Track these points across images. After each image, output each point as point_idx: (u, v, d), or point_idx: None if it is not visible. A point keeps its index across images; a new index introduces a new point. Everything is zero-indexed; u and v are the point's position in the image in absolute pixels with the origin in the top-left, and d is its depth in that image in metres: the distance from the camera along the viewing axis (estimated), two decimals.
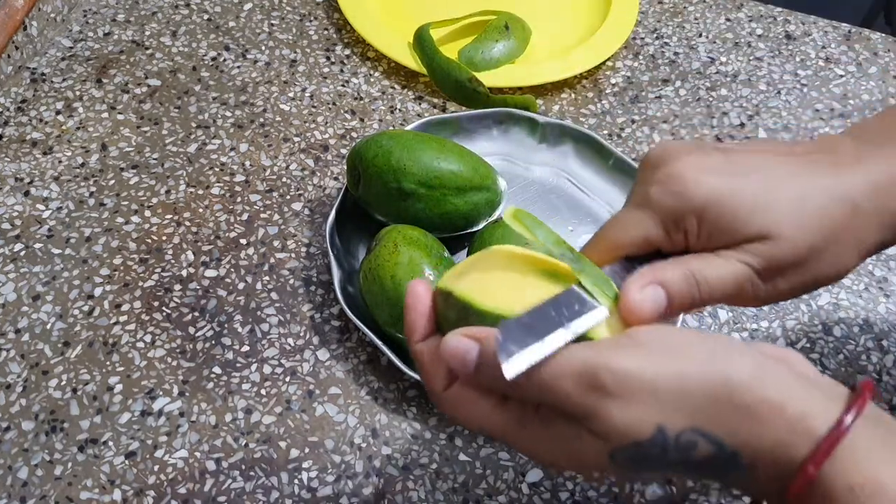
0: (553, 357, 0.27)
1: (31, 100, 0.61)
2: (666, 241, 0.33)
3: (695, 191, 0.31)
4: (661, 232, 0.32)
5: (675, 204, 0.31)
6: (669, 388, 0.26)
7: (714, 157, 0.32)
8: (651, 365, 0.26)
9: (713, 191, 0.31)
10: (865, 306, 0.54)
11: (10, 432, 0.45)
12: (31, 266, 0.52)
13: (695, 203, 0.31)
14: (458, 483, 0.45)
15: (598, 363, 0.26)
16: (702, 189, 0.31)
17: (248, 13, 0.69)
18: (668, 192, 0.32)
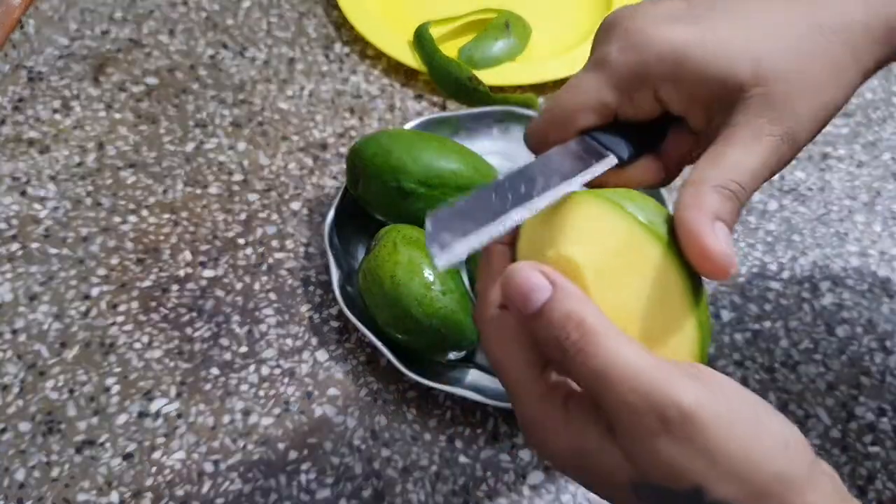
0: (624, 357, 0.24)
1: (28, 98, 0.60)
2: (627, 106, 0.29)
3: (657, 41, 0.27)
4: (621, 95, 0.28)
5: (635, 58, 0.28)
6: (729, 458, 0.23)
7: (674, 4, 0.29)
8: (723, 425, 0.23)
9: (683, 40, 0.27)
10: (869, 307, 0.53)
11: (7, 434, 0.44)
12: (28, 266, 0.51)
13: (662, 54, 0.27)
14: (459, 485, 0.44)
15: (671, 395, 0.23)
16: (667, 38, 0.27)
17: (246, 11, 0.69)
18: (627, 47, 0.28)
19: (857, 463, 0.47)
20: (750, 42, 0.27)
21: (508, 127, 0.59)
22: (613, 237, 0.26)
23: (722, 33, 0.27)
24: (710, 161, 0.27)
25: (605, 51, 0.29)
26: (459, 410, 0.47)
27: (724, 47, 0.27)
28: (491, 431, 0.46)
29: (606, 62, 0.28)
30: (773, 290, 0.54)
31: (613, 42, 0.28)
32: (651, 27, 0.28)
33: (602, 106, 0.29)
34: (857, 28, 0.28)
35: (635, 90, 0.28)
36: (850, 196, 0.60)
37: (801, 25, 0.28)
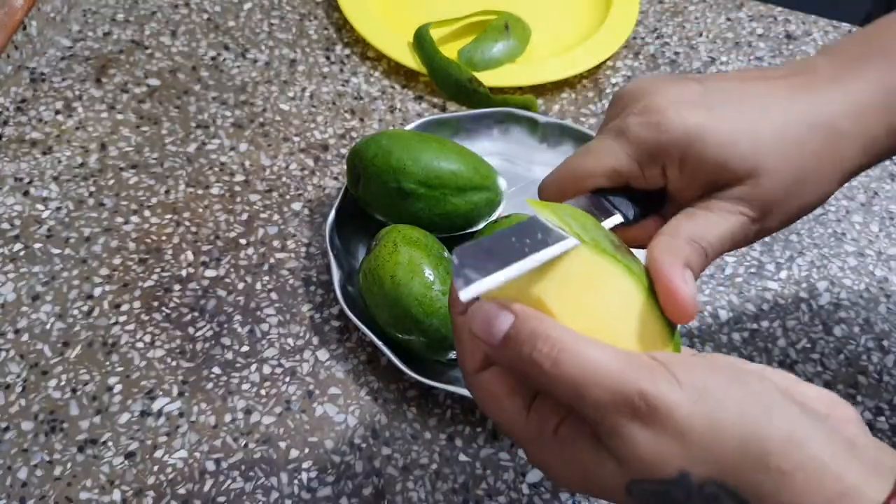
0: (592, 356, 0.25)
1: (30, 99, 0.61)
2: (638, 176, 0.31)
3: (676, 124, 0.30)
4: (635, 165, 0.31)
5: (653, 136, 0.30)
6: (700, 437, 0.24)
7: (692, 88, 0.31)
8: (685, 405, 0.24)
9: (695, 124, 0.30)
10: (866, 306, 0.54)
11: (10, 432, 0.45)
12: (31, 266, 0.52)
13: (676, 136, 0.30)
14: (458, 484, 0.45)
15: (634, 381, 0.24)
16: (684, 122, 0.30)
17: (247, 13, 0.69)
18: (647, 124, 0.30)
19: None
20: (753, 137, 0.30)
21: (508, 128, 0.59)
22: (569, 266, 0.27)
23: (729, 126, 0.30)
24: (687, 218, 0.30)
25: (625, 122, 0.31)
26: (459, 409, 0.47)
27: (729, 141, 0.30)
28: (490, 430, 0.47)
29: (626, 134, 0.31)
30: (770, 289, 0.54)
31: (634, 116, 0.31)
32: (671, 110, 0.30)
33: (616, 174, 0.31)
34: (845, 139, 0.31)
35: (648, 165, 0.31)
36: (847, 196, 0.60)
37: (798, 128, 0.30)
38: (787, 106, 0.31)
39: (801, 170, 0.30)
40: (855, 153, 0.32)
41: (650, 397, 0.24)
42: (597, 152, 0.32)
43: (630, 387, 0.24)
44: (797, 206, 0.31)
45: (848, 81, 0.32)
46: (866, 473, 0.24)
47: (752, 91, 0.31)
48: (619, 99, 0.32)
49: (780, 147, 0.30)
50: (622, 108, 0.32)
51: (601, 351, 0.25)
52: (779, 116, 0.30)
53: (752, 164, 0.30)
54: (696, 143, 0.30)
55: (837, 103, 0.31)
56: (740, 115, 0.30)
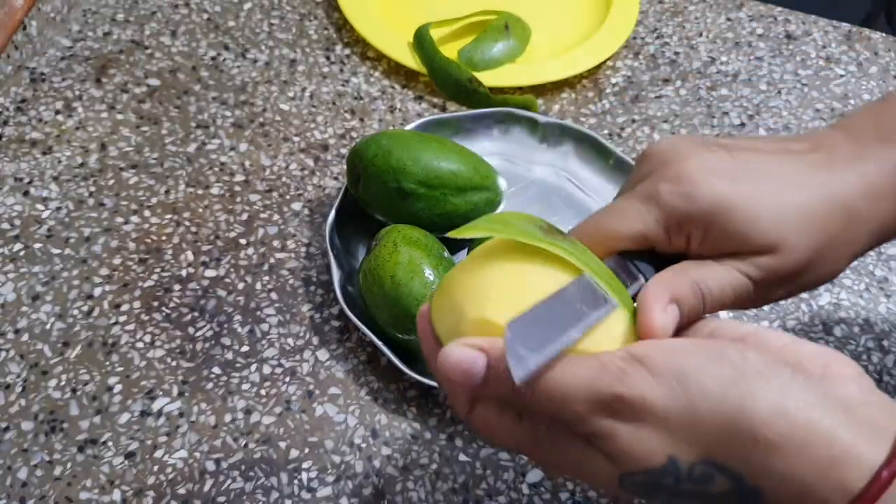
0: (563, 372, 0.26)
1: (30, 99, 0.61)
2: (664, 242, 0.32)
3: (705, 195, 0.30)
4: (663, 231, 0.31)
5: (683, 205, 0.31)
6: (681, 421, 0.24)
7: (721, 157, 0.32)
8: (662, 394, 0.25)
9: (723, 197, 0.30)
10: (866, 306, 0.54)
11: (10, 432, 0.45)
12: (31, 266, 0.52)
13: (704, 207, 0.30)
14: (458, 483, 0.45)
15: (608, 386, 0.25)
16: (712, 194, 0.30)
17: (247, 13, 0.69)
18: (678, 193, 0.31)
19: None
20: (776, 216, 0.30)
21: (508, 128, 0.59)
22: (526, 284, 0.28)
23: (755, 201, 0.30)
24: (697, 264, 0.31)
25: (657, 189, 0.31)
26: None
27: (753, 216, 0.30)
28: None
29: (657, 201, 0.31)
30: None
31: (665, 183, 0.31)
32: (702, 180, 0.31)
33: (643, 238, 0.32)
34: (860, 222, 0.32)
35: (675, 233, 0.31)
36: None
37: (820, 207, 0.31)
38: (809, 183, 0.31)
39: (818, 248, 0.31)
40: (867, 236, 0.32)
41: (626, 398, 0.25)
42: (626, 215, 0.32)
43: (604, 393, 0.25)
44: (808, 280, 0.32)
45: (865, 162, 0.32)
46: (861, 436, 0.23)
47: (777, 165, 0.32)
48: (648, 158, 0.33)
49: (802, 225, 0.31)
50: (651, 168, 0.32)
51: (572, 366, 0.26)
52: (801, 194, 0.31)
53: (774, 240, 0.30)
54: (722, 215, 0.30)
55: (854, 185, 0.32)
56: (766, 190, 0.31)
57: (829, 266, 0.32)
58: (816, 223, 0.31)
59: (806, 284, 0.32)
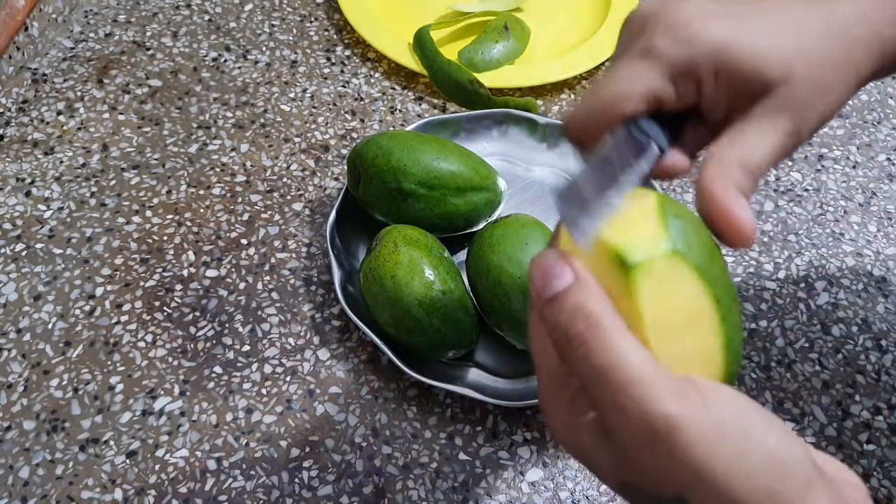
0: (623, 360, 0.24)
1: (32, 100, 0.61)
2: (673, 96, 0.30)
3: (705, 37, 0.29)
4: (669, 84, 0.30)
5: (685, 51, 0.29)
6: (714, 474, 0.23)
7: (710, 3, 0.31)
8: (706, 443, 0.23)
9: (724, 36, 0.29)
10: (864, 306, 0.54)
11: (12, 432, 0.45)
12: (33, 266, 0.52)
13: (707, 48, 0.29)
14: (459, 482, 0.45)
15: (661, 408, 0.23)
16: (711, 35, 0.29)
17: (248, 14, 0.69)
18: (676, 41, 0.29)
19: (853, 461, 0.47)
20: (780, 44, 0.30)
21: (508, 129, 0.59)
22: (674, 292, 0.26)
23: (755, 35, 0.29)
24: (730, 141, 0.29)
25: (652, 43, 0.30)
26: (459, 408, 0.47)
27: (758, 49, 0.29)
28: (490, 429, 0.47)
29: (656, 53, 0.30)
30: (769, 289, 0.55)
31: (659, 35, 0.30)
32: (697, 23, 0.29)
33: (651, 94, 0.30)
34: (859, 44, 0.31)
35: (682, 83, 0.30)
36: (845, 196, 0.60)
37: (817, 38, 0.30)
38: (802, 16, 0.31)
39: (824, 77, 0.30)
40: (869, 58, 0.31)
41: (672, 421, 0.23)
42: (627, 77, 0.30)
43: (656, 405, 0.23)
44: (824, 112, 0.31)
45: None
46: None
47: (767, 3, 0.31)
48: (632, 23, 0.31)
49: (804, 55, 0.30)
50: (638, 32, 0.31)
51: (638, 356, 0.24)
52: (797, 27, 0.30)
53: (782, 71, 0.29)
54: (727, 52, 0.29)
55: (847, 12, 0.31)
56: (762, 26, 0.30)
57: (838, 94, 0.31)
58: (817, 52, 0.30)
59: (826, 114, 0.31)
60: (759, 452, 0.23)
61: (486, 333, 0.49)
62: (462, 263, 0.52)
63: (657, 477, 0.24)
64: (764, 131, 0.29)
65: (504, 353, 0.49)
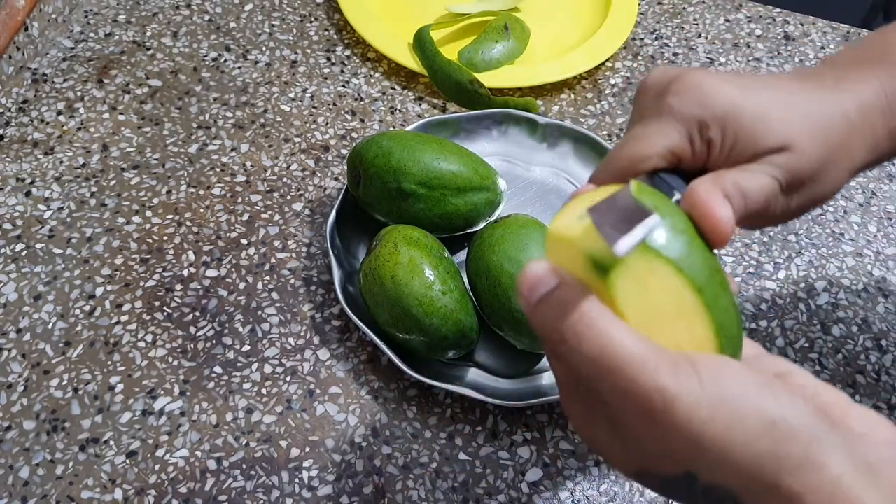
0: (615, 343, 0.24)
1: (32, 100, 0.61)
2: (689, 152, 0.32)
3: (716, 98, 0.31)
4: (687, 142, 0.31)
5: (698, 112, 0.31)
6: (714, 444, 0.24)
7: (722, 74, 0.33)
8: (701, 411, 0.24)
9: (735, 99, 0.31)
10: (864, 306, 0.54)
11: (12, 432, 0.45)
12: (33, 266, 0.52)
13: (717, 110, 0.31)
14: (458, 482, 0.45)
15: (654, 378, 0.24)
16: (723, 97, 0.31)
17: (248, 14, 0.69)
18: (691, 101, 0.31)
19: None
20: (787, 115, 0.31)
21: (508, 129, 0.59)
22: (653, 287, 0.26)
23: (764, 100, 0.32)
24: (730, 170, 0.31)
25: (667, 104, 0.32)
26: (459, 408, 0.47)
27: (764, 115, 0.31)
28: (490, 429, 0.47)
29: (672, 112, 0.32)
30: (768, 289, 0.55)
31: (674, 95, 0.32)
32: (710, 86, 0.31)
33: (671, 153, 0.32)
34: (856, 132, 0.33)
35: (696, 139, 0.32)
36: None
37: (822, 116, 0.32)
38: (807, 97, 0.32)
39: (825, 155, 0.32)
40: (863, 148, 0.33)
41: (669, 394, 0.24)
42: (647, 136, 0.32)
43: (649, 381, 0.24)
44: (816, 192, 0.32)
45: (852, 83, 0.33)
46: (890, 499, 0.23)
47: (776, 81, 0.33)
48: (647, 88, 0.33)
49: (809, 129, 0.31)
50: (654, 96, 0.33)
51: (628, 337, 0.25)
52: (803, 103, 0.32)
53: (784, 139, 0.31)
54: (736, 115, 0.31)
55: (848, 100, 0.33)
56: (771, 97, 0.32)
57: (835, 177, 0.32)
58: (820, 129, 0.32)
59: (818, 194, 0.33)
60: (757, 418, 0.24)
61: (486, 333, 0.49)
62: (462, 263, 0.52)
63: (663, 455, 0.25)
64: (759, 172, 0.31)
65: (504, 353, 0.49)
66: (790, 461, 0.23)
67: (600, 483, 0.45)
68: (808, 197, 0.32)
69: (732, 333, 0.27)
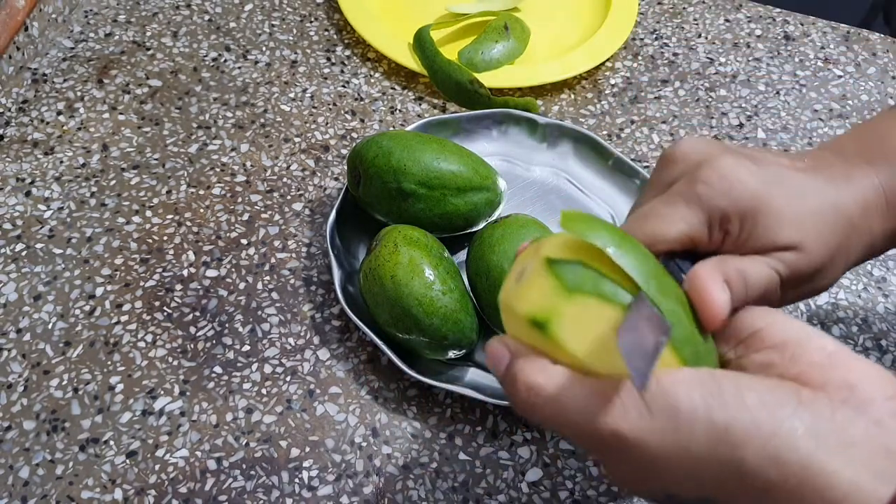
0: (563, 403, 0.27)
1: (32, 100, 0.61)
2: (706, 240, 0.33)
3: (743, 192, 0.32)
4: (706, 230, 0.32)
5: (725, 203, 0.32)
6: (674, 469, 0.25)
7: (745, 161, 0.33)
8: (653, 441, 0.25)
9: (758, 194, 0.32)
10: (864, 306, 0.54)
11: (12, 432, 0.45)
12: (33, 266, 0.52)
13: (741, 205, 0.32)
14: (458, 482, 0.45)
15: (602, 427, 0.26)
16: (749, 192, 0.32)
17: (248, 14, 0.69)
18: (719, 192, 0.32)
19: None
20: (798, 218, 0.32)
21: (508, 129, 0.59)
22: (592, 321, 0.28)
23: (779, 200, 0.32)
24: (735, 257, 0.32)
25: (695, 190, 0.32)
26: (459, 408, 0.47)
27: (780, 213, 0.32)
28: (490, 429, 0.47)
29: (700, 200, 0.32)
30: None
31: (703, 183, 0.32)
32: (737, 177, 0.32)
33: (688, 239, 0.32)
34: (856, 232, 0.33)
35: (715, 229, 0.32)
36: None
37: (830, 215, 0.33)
38: (818, 193, 0.33)
39: (829, 255, 0.32)
40: (860, 247, 0.34)
41: (621, 435, 0.25)
42: (670, 218, 0.32)
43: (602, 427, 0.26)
44: (816, 287, 0.33)
45: (857, 180, 0.34)
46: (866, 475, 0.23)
47: (791, 174, 0.33)
48: (673, 160, 0.34)
49: (818, 230, 0.32)
50: (681, 170, 0.33)
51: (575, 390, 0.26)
52: (814, 201, 0.33)
53: (796, 240, 0.32)
54: (755, 210, 0.32)
55: (852, 199, 0.33)
56: (787, 194, 0.32)
57: (832, 274, 0.33)
58: (828, 229, 0.32)
59: (815, 288, 0.34)
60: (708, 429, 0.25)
61: (486, 333, 0.49)
62: (462, 263, 0.52)
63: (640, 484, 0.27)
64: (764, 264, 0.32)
65: None
66: (752, 461, 0.24)
67: (600, 483, 0.45)
68: (804, 291, 0.33)
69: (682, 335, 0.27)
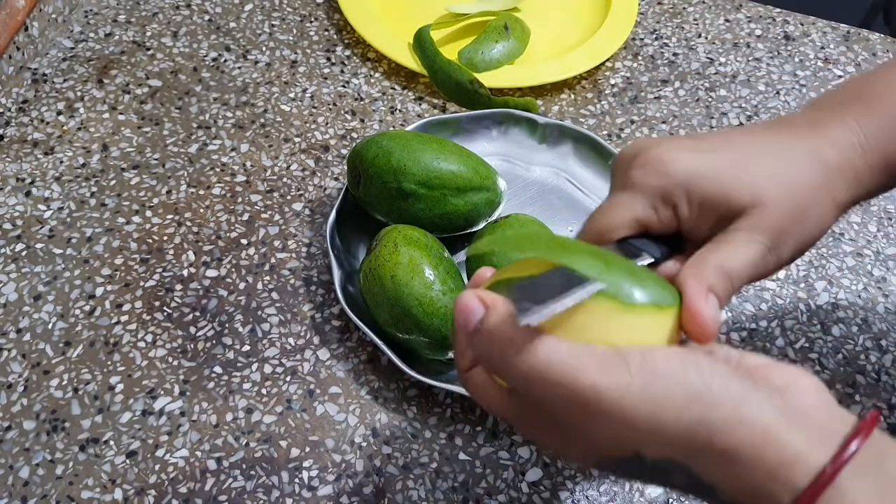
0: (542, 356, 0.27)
1: (32, 100, 0.61)
2: (655, 220, 0.34)
3: (675, 166, 0.33)
4: (650, 210, 0.34)
5: (658, 181, 0.33)
6: (648, 422, 0.26)
7: (684, 140, 0.35)
8: (631, 396, 0.26)
9: (694, 165, 0.33)
10: (864, 306, 0.54)
11: (12, 432, 0.45)
12: (33, 266, 0.52)
13: (678, 178, 0.33)
14: (458, 482, 0.45)
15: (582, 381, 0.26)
16: (681, 164, 0.33)
17: (248, 14, 0.69)
18: (650, 172, 0.33)
19: None
20: (748, 172, 0.33)
21: (508, 129, 0.59)
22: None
23: (724, 164, 0.33)
24: (710, 249, 0.33)
25: (631, 176, 0.34)
26: (459, 408, 0.47)
27: (726, 176, 0.33)
28: (490, 429, 0.47)
29: (635, 185, 0.34)
30: (768, 289, 0.55)
31: (637, 168, 0.34)
32: (669, 156, 0.33)
33: (636, 222, 0.34)
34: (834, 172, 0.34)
35: (660, 207, 0.34)
36: None
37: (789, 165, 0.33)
38: (774, 149, 0.34)
39: (800, 201, 0.33)
40: (846, 185, 0.34)
41: (599, 387, 0.26)
42: (615, 207, 0.34)
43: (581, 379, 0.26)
44: (803, 236, 0.33)
45: (825, 126, 0.35)
46: (812, 441, 0.26)
47: (741, 139, 0.35)
48: (620, 161, 0.35)
49: (776, 181, 0.33)
50: (625, 167, 0.35)
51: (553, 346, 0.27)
52: (769, 157, 0.33)
53: (752, 195, 0.32)
54: (697, 179, 0.33)
55: (821, 140, 0.34)
56: (730, 156, 0.33)
57: (817, 219, 0.34)
58: (790, 178, 0.33)
59: (805, 239, 0.34)
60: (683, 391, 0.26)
61: None
62: (462, 263, 0.52)
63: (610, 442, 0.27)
64: (741, 243, 0.32)
65: None
66: (719, 423, 0.26)
67: (600, 483, 0.45)
68: (796, 242, 0.33)
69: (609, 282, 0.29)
